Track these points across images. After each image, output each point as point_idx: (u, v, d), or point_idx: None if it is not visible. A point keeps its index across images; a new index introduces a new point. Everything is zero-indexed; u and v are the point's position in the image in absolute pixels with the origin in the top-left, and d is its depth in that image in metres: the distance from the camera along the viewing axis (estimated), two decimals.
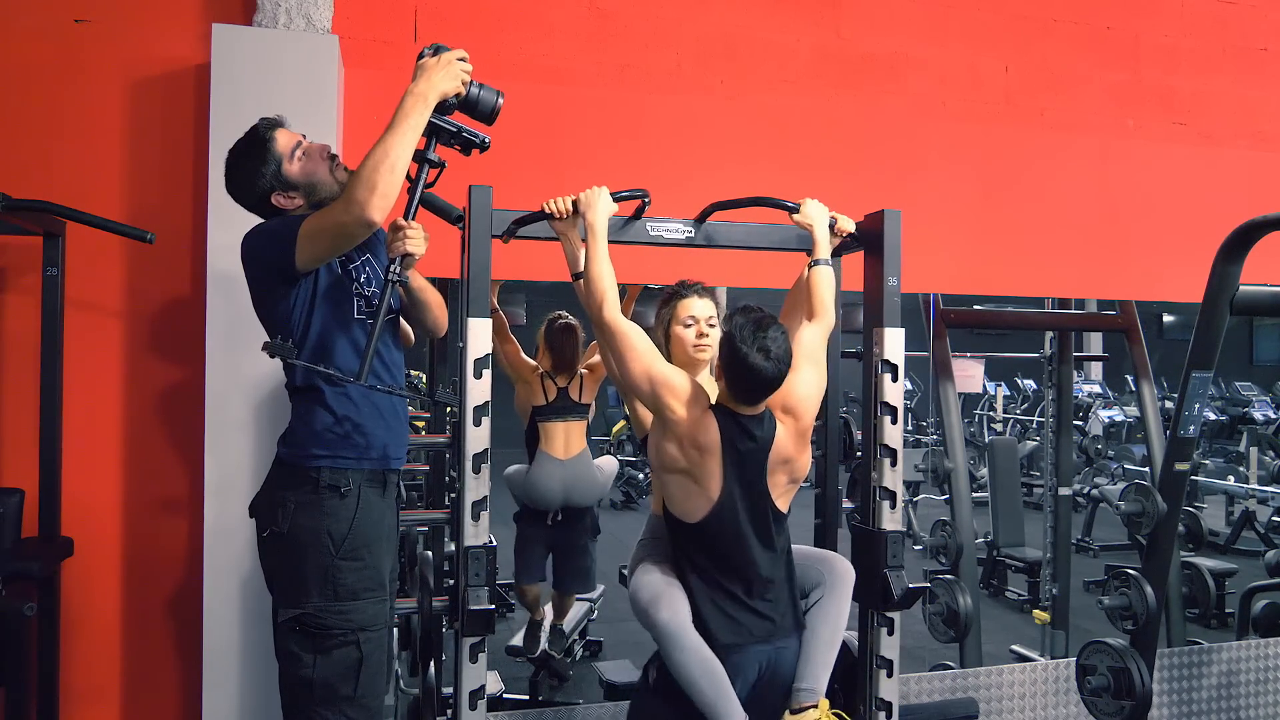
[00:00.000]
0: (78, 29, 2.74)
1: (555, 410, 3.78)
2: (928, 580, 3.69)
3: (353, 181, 1.77)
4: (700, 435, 2.00)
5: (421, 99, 1.82)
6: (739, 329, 1.98)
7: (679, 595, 2.06)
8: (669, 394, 2.00)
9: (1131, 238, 3.72)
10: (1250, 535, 6.91)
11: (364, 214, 1.75)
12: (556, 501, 3.77)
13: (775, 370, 1.98)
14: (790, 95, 3.40)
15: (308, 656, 1.87)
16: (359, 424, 1.95)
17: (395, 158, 1.76)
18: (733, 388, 2.03)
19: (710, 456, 2.00)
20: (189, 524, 2.74)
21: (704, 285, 2.37)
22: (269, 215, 1.99)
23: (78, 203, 2.48)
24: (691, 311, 2.31)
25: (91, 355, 2.73)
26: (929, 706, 2.86)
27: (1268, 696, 3.56)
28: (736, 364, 1.98)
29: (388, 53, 2.98)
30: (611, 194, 2.11)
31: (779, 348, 1.98)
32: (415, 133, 1.81)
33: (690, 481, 2.02)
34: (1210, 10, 3.93)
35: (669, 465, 2.03)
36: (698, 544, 2.06)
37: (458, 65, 1.88)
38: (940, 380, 4.11)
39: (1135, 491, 3.29)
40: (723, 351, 2.03)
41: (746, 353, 1.95)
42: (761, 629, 2.05)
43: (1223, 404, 10.51)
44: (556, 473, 3.74)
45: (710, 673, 2.00)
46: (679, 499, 2.05)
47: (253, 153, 1.95)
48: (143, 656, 2.78)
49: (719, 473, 2.01)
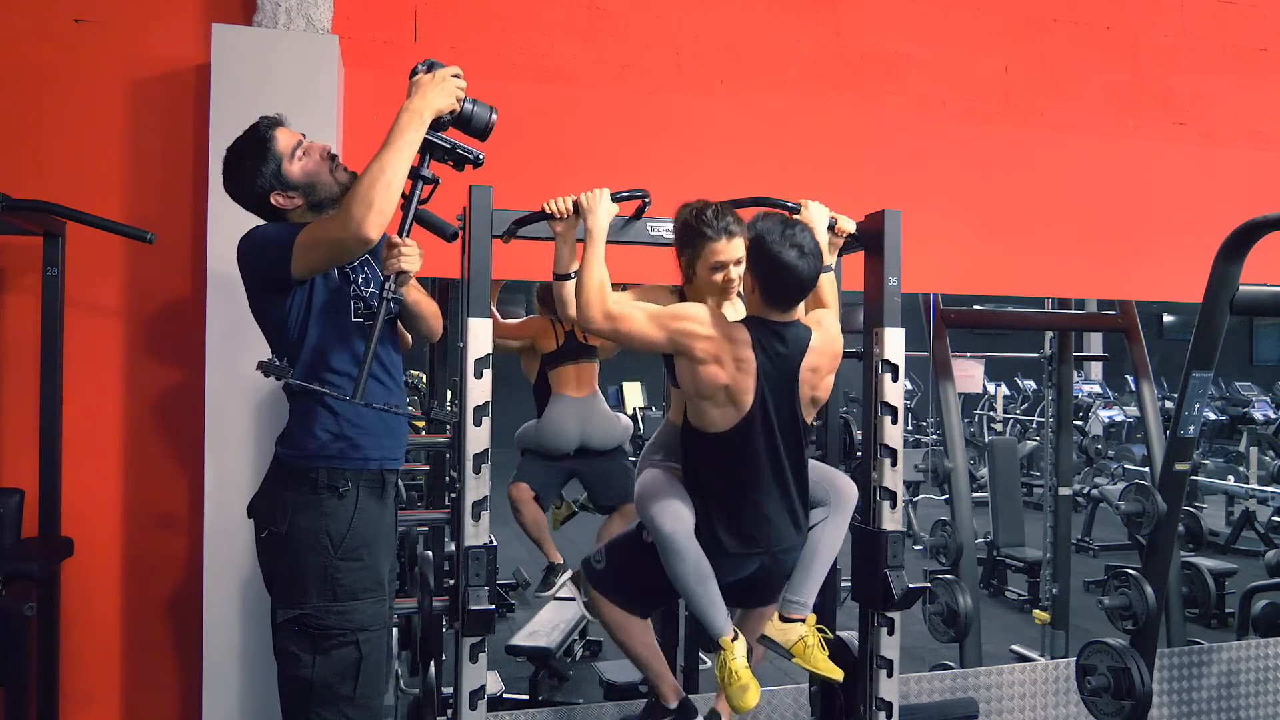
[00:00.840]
0: (78, 29, 2.74)
1: (566, 353, 3.75)
2: (928, 580, 3.69)
3: (349, 199, 1.77)
4: (735, 348, 2.02)
5: (417, 116, 1.83)
6: (768, 232, 2.01)
7: (684, 504, 2.10)
8: (688, 326, 2.03)
9: (1131, 238, 3.72)
10: (1250, 535, 6.91)
11: (361, 231, 1.75)
12: (573, 441, 3.71)
13: (809, 267, 2.03)
14: (790, 95, 3.40)
15: (307, 657, 1.87)
16: (358, 425, 1.94)
17: (392, 175, 1.77)
18: (767, 291, 2.06)
19: (746, 368, 2.03)
20: (189, 524, 2.73)
21: (732, 218, 2.15)
22: (267, 215, 1.99)
23: (78, 203, 2.48)
24: (719, 257, 2.13)
25: (91, 355, 2.73)
26: (929, 706, 2.86)
27: (1268, 696, 3.56)
28: (770, 264, 2.01)
29: (388, 53, 2.98)
30: (612, 194, 2.11)
31: (809, 243, 2.03)
32: (411, 149, 1.82)
33: (724, 395, 2.04)
34: (1210, 10, 3.93)
35: (705, 389, 2.04)
36: (720, 454, 2.09)
37: (452, 82, 1.88)
38: (940, 380, 4.11)
39: (1135, 491, 3.29)
40: (754, 256, 2.05)
41: (780, 251, 1.99)
42: (769, 538, 2.11)
43: (1223, 404, 10.52)
44: (572, 411, 3.69)
45: (706, 588, 2.08)
46: (708, 413, 2.07)
47: (252, 151, 1.95)
48: (143, 656, 2.78)
49: (753, 385, 2.04)
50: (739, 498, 2.10)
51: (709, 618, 2.10)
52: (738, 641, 2.12)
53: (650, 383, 9.19)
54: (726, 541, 2.09)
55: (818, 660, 2.15)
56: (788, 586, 2.19)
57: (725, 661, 2.10)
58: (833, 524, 2.21)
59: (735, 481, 2.10)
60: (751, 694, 2.09)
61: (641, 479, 2.23)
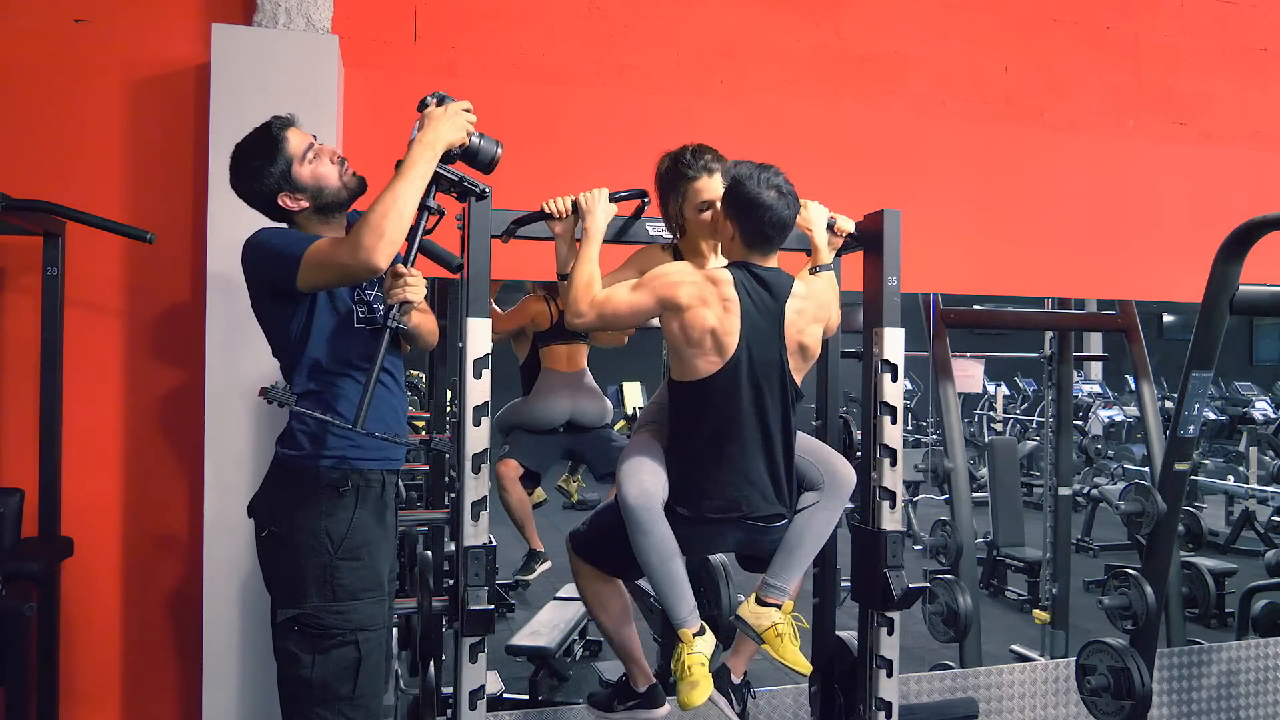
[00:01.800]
0: (78, 29, 2.74)
1: (558, 332, 3.80)
2: (928, 580, 3.68)
3: (360, 227, 1.77)
4: (720, 288, 2.00)
5: (430, 148, 1.84)
6: (745, 176, 2.02)
7: (655, 474, 2.04)
8: (670, 278, 2.02)
9: (1131, 238, 3.72)
10: (1250, 535, 6.91)
11: (370, 260, 1.76)
12: (564, 414, 3.74)
13: (787, 208, 2.03)
14: (790, 95, 3.40)
15: (306, 656, 1.87)
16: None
17: (403, 205, 1.78)
18: (747, 233, 2.04)
19: (731, 308, 2.00)
20: (189, 524, 2.74)
21: (711, 155, 2.19)
22: (273, 215, 1.99)
23: (78, 203, 2.48)
24: (704, 196, 2.16)
25: (91, 355, 2.73)
26: (929, 706, 2.86)
27: (1267, 696, 3.56)
28: (749, 206, 2.01)
29: (387, 53, 2.98)
30: (610, 194, 2.11)
31: (786, 184, 2.03)
32: (423, 181, 1.83)
33: (711, 341, 2.00)
34: (1210, 10, 3.93)
35: (694, 335, 2.00)
36: (703, 402, 2.03)
37: (463, 116, 1.89)
38: (940, 380, 4.11)
39: (1135, 491, 3.29)
40: (731, 198, 2.04)
41: (759, 193, 2.00)
42: (751, 502, 2.03)
43: (1223, 404, 10.51)
44: (562, 386, 3.74)
45: (668, 568, 2.01)
46: (693, 361, 2.02)
47: (263, 150, 1.94)
48: (143, 656, 2.78)
49: (738, 327, 2.01)
50: (719, 450, 2.02)
51: (669, 602, 2.04)
52: (701, 637, 2.05)
53: (650, 382, 9.19)
54: (704, 505, 2.02)
55: (785, 650, 2.07)
56: (769, 568, 2.12)
57: (680, 654, 2.05)
58: (824, 509, 2.13)
59: (717, 432, 2.02)
60: (700, 692, 2.02)
61: (629, 443, 2.20)
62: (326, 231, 1.97)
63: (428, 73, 3.00)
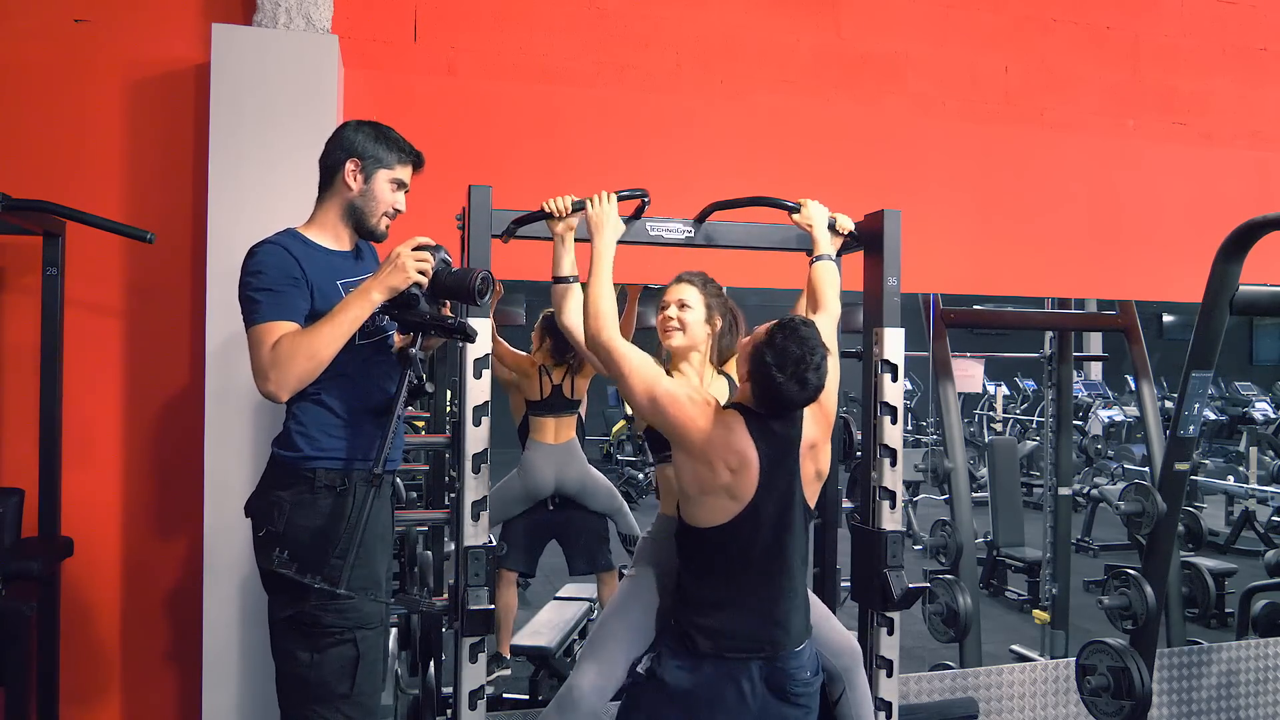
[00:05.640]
0: (78, 29, 2.74)
1: (548, 406, 3.85)
2: (928, 580, 3.68)
3: (275, 355, 1.78)
4: (736, 444, 1.90)
5: (364, 295, 1.84)
6: (779, 355, 1.86)
7: (615, 665, 2.03)
8: (676, 409, 1.91)
9: (1131, 238, 3.72)
10: (1250, 535, 6.90)
11: (267, 389, 1.80)
12: (549, 485, 3.80)
13: (808, 399, 1.91)
14: (790, 95, 3.40)
15: (304, 655, 1.87)
16: (356, 425, 1.94)
17: (320, 348, 1.80)
18: (760, 402, 1.93)
19: (748, 468, 1.90)
20: (189, 524, 2.73)
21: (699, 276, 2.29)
22: (325, 180, 1.97)
23: (78, 203, 2.48)
24: (664, 296, 2.28)
25: (91, 355, 2.73)
26: (929, 706, 2.86)
27: (1267, 696, 3.56)
28: (767, 387, 1.89)
29: (387, 53, 2.98)
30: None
31: (819, 378, 1.88)
32: (350, 325, 1.82)
33: (724, 493, 1.91)
34: (1210, 10, 3.93)
35: (706, 486, 1.91)
36: (716, 550, 1.94)
37: (408, 258, 1.85)
38: (940, 380, 4.11)
39: (1135, 491, 3.29)
40: (752, 366, 1.91)
41: (782, 383, 1.86)
42: (770, 638, 1.94)
43: (1223, 404, 10.51)
44: (548, 456, 3.81)
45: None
46: (704, 508, 1.93)
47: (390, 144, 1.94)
48: (143, 656, 2.78)
49: (755, 480, 1.91)
50: (737, 595, 1.94)
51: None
52: None
53: None
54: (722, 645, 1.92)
55: None
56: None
57: None
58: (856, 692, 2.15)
59: (735, 577, 1.94)
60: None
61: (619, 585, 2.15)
62: (339, 227, 1.97)
63: (428, 73, 3.00)
